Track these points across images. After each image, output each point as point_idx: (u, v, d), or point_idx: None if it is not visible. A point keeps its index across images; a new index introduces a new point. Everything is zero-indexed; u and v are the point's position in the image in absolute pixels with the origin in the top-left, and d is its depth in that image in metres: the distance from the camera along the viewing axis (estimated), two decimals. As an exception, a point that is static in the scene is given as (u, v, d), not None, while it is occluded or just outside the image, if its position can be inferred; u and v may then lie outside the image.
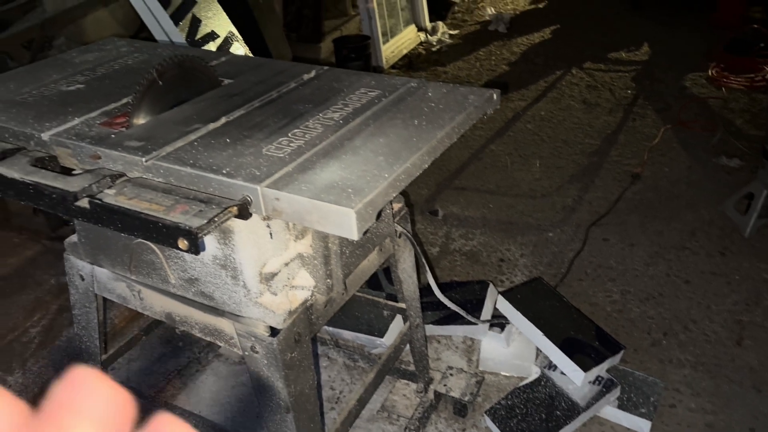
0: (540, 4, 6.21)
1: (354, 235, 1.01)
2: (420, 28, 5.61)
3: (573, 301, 2.31)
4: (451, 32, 5.66)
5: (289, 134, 1.25)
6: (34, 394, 2.07)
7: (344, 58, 4.59)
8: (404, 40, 5.38)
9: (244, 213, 1.08)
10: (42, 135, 1.29)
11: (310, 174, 1.10)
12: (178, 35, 2.91)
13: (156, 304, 1.47)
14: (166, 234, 1.02)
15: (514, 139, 3.79)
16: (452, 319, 2.24)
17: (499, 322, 2.19)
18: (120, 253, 1.45)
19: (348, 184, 1.06)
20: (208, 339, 1.41)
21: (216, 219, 1.02)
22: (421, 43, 5.49)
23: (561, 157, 3.55)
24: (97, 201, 1.08)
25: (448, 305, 1.86)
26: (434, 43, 5.47)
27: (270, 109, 1.37)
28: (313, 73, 1.57)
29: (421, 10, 5.60)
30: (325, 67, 1.61)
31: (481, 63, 5.03)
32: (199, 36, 3.01)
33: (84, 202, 1.09)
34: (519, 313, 2.11)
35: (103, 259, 1.50)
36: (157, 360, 2.29)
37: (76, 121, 1.34)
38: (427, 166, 1.19)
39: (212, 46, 3.05)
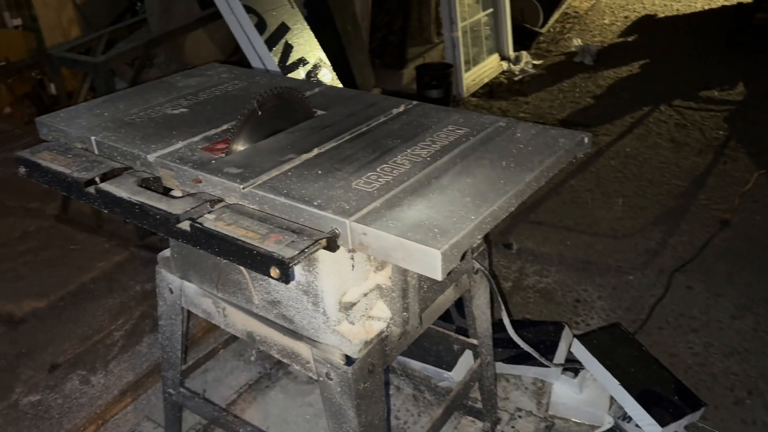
0: (629, 38, 6.08)
1: (438, 275, 1.02)
2: (503, 57, 5.61)
3: (652, 350, 2.22)
4: (535, 62, 5.62)
5: (378, 169, 1.28)
6: (114, 396, 2.18)
7: (425, 85, 4.65)
8: (486, 68, 5.39)
9: (332, 245, 1.11)
10: (148, 156, 1.37)
11: (397, 211, 1.12)
12: (271, 60, 3.04)
13: (239, 323, 1.52)
14: (260, 262, 1.06)
15: (596, 175, 3.70)
16: (523, 358, 2.20)
17: (573, 366, 2.13)
18: (209, 270, 1.51)
19: (434, 224, 1.07)
20: (285, 361, 1.45)
21: (306, 250, 1.06)
22: (503, 72, 5.48)
23: (645, 197, 3.43)
24: (197, 225, 1.14)
25: (522, 346, 1.83)
26: (517, 73, 5.45)
27: (360, 143, 1.41)
28: (402, 108, 1.60)
29: (505, 40, 5.60)
30: (414, 102, 1.64)
31: (565, 95, 4.96)
32: (290, 61, 3.13)
33: (185, 225, 1.16)
34: (595, 359, 2.05)
35: (192, 275, 1.57)
36: (230, 372, 2.36)
37: (180, 144, 1.43)
38: (513, 209, 1.19)
39: (302, 72, 3.16)
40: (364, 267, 1.33)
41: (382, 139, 1.42)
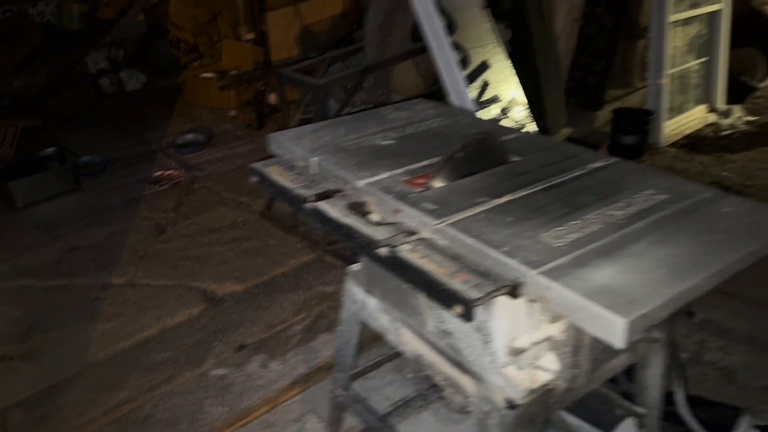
0: None
1: (620, 344, 1.03)
2: (712, 109, 5.21)
3: None
4: (748, 118, 5.14)
5: (569, 224, 1.31)
6: (286, 384, 2.42)
7: (620, 130, 4.49)
8: (691, 119, 5.05)
9: (515, 294, 1.17)
10: (357, 183, 1.53)
11: (585, 271, 1.14)
12: (467, 95, 3.16)
13: (410, 344, 1.63)
14: (446, 297, 1.15)
15: (808, 252, 3.30)
16: (692, 439, 2.05)
17: (749, 460, 1.94)
18: (390, 290, 1.64)
19: (623, 291, 1.08)
20: (448, 390, 1.53)
21: (491, 294, 1.13)
22: (709, 125, 5.09)
23: None
24: (395, 253, 1.26)
25: (694, 428, 1.73)
26: (725, 127, 5.03)
27: (553, 195, 1.44)
28: (600, 164, 1.61)
29: (717, 91, 5.20)
30: (615, 159, 1.63)
31: (780, 158, 4.47)
32: (485, 97, 3.23)
33: (384, 251, 1.29)
34: (777, 458, 1.85)
35: (375, 291, 1.71)
36: (387, 384, 2.49)
37: (385, 174, 1.57)
38: (710, 288, 1.16)
39: (495, 109, 3.24)
40: (537, 316, 1.36)
41: (576, 193, 1.44)
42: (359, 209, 1.50)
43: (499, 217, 1.35)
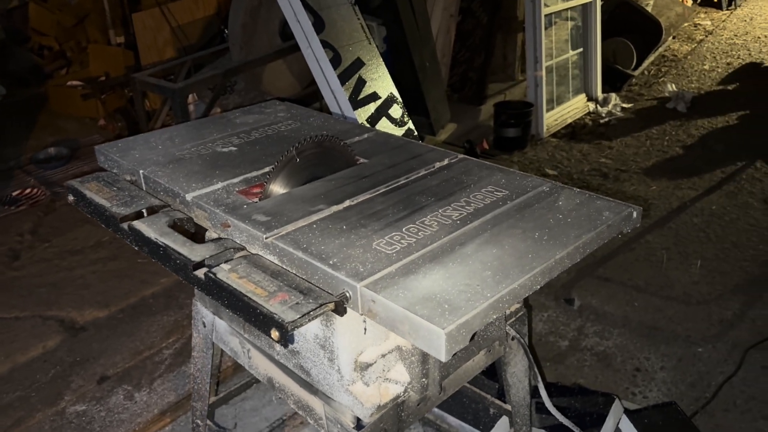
0: (729, 86, 5.72)
1: (441, 356, 0.96)
2: (590, 98, 5.43)
3: (713, 437, 2.02)
4: (624, 105, 5.39)
5: (404, 229, 1.24)
6: (153, 416, 2.23)
7: (502, 123, 4.57)
8: (571, 109, 5.23)
9: (340, 310, 1.08)
10: (186, 196, 1.40)
11: (411, 279, 1.07)
12: (342, 94, 3.07)
13: (260, 366, 1.51)
14: (263, 321, 1.04)
15: (676, 232, 3.47)
16: (566, 429, 2.06)
17: (618, 445, 1.97)
18: (237, 310, 1.52)
19: (446, 299, 1.01)
20: (300, 413, 1.43)
21: (310, 314, 1.03)
22: (589, 114, 5.29)
23: (727, 262, 3.17)
24: (211, 275, 1.14)
25: (560, 419, 1.72)
26: (603, 115, 5.25)
27: (393, 197, 1.38)
28: (446, 162, 1.56)
29: (594, 80, 5.42)
30: (460, 156, 1.59)
31: (652, 142, 4.71)
32: (361, 96, 3.16)
33: (201, 273, 1.16)
34: (643, 440, 1.89)
35: (223, 312, 1.58)
36: (267, 403, 2.36)
37: (219, 185, 1.45)
38: (538, 287, 1.11)
39: (372, 107, 3.18)
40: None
41: (416, 195, 1.38)
42: (186, 225, 1.37)
43: (333, 226, 1.26)
